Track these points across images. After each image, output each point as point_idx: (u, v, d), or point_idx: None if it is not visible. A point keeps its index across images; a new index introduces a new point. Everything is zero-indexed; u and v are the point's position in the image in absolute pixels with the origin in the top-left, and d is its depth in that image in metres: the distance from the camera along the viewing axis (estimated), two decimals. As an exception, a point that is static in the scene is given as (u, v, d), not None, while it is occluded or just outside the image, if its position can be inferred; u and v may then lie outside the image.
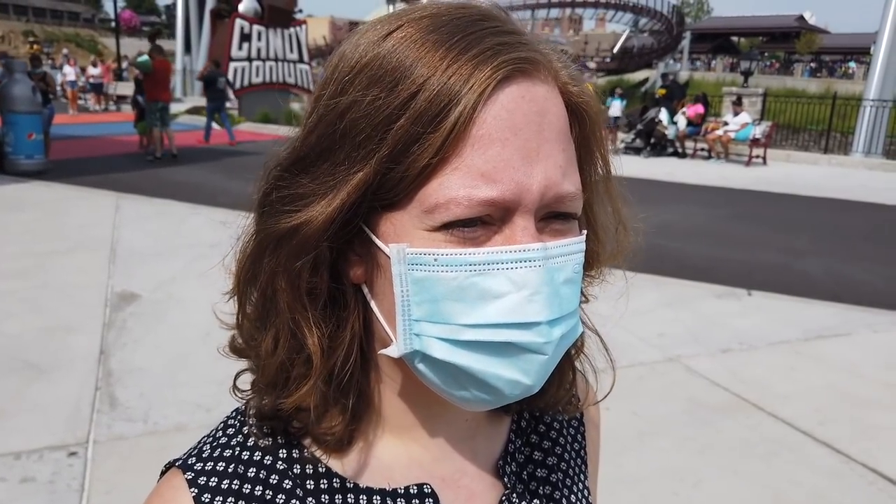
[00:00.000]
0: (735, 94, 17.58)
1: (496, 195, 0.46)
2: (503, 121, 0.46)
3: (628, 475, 3.06)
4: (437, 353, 0.48)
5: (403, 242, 0.47)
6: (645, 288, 5.81)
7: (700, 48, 59.21)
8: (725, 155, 15.38)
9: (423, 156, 0.45)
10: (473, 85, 0.45)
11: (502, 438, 0.64)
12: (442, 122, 0.45)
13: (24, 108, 9.88)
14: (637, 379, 4.06)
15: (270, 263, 0.51)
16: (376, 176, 0.47)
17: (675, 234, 7.93)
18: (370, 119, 0.46)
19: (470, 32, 0.47)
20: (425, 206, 0.46)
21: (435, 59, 0.46)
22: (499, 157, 0.46)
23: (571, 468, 0.68)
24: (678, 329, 4.88)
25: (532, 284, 0.47)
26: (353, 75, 0.48)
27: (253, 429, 0.57)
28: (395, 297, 0.48)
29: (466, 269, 0.46)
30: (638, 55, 42.16)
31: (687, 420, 3.61)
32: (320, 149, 0.49)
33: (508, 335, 0.47)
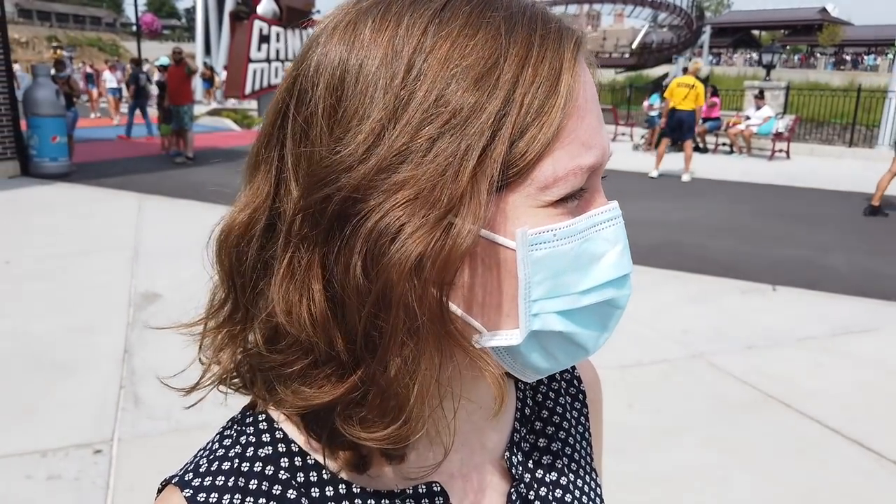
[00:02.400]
0: (757, 87, 17.38)
1: (594, 161, 0.48)
2: (587, 92, 0.48)
3: (653, 473, 3.03)
4: (557, 327, 0.48)
5: (516, 226, 0.46)
6: (667, 284, 5.76)
7: (720, 43, 58.58)
8: (748, 149, 15.20)
9: (543, 135, 0.45)
10: (566, 64, 0.47)
11: (508, 428, 0.63)
12: (552, 98, 0.45)
13: (48, 112, 10.03)
14: (661, 376, 4.01)
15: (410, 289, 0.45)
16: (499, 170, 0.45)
17: (697, 230, 7.85)
18: (480, 109, 0.44)
19: (524, 7, 0.48)
20: (540, 183, 0.46)
21: (524, 35, 0.46)
22: (591, 125, 0.48)
23: (577, 451, 0.67)
24: (702, 325, 4.82)
25: (620, 239, 0.50)
26: (442, 62, 0.44)
27: (252, 437, 0.54)
28: (518, 283, 0.47)
29: (579, 238, 0.48)
30: (657, 50, 41.77)
31: (712, 417, 3.56)
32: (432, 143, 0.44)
33: (610, 293, 0.49)
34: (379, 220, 0.43)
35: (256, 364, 0.51)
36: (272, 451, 0.53)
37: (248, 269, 0.50)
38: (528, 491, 0.61)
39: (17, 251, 6.21)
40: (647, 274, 6.03)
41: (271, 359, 0.48)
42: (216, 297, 0.54)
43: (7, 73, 9.90)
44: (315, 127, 0.46)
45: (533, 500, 0.61)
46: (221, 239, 0.51)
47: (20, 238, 6.75)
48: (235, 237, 0.50)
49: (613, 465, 3.05)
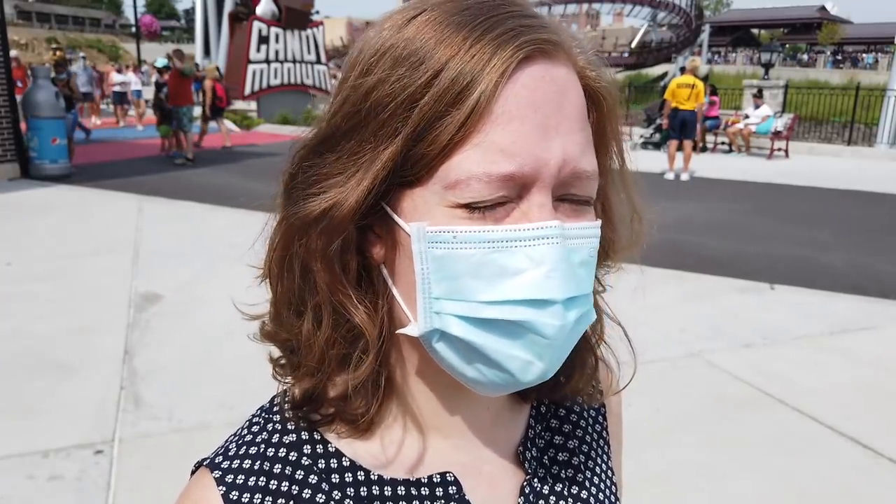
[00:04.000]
0: (756, 86, 17.38)
1: (514, 169, 0.46)
2: (523, 98, 0.47)
3: (651, 471, 3.05)
4: (456, 331, 0.48)
5: (424, 220, 0.48)
6: (666, 283, 5.78)
7: (720, 41, 58.59)
8: (746, 148, 15.21)
9: (446, 132, 0.46)
10: (495, 64, 0.46)
11: (522, 425, 0.64)
12: (464, 99, 0.46)
13: (47, 114, 10.04)
14: (659, 374, 4.03)
15: (302, 248, 0.52)
16: (402, 153, 0.47)
17: (696, 229, 7.86)
18: (395, 97, 0.47)
19: (492, 15, 0.48)
20: (446, 183, 0.47)
21: (458, 40, 0.47)
22: (517, 133, 0.46)
23: (594, 450, 0.68)
24: (700, 324, 4.84)
25: (549, 261, 0.47)
26: (378, 57, 0.49)
27: (277, 425, 0.58)
28: (415, 275, 0.48)
29: (485, 246, 0.47)
30: (656, 50, 41.81)
31: (710, 415, 3.58)
32: (346, 128, 0.50)
33: (525, 314, 0.47)
34: (305, 181, 0.53)
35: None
36: (296, 438, 0.57)
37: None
38: (543, 485, 0.62)
39: (19, 253, 6.23)
40: (645, 273, 6.02)
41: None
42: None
43: (7, 74, 9.92)
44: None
45: (548, 494, 0.62)
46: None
47: (21, 240, 6.77)
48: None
49: (611, 462, 3.08)
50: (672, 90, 11.58)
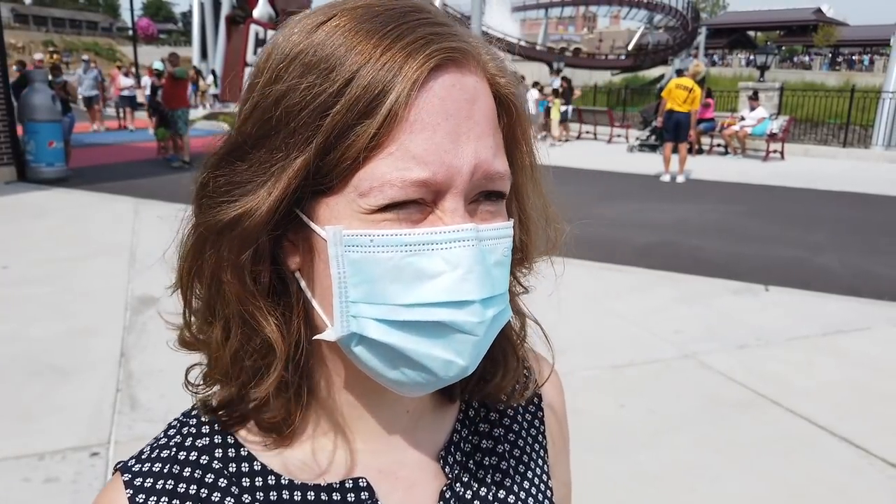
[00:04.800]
0: (751, 88, 17.44)
1: (428, 175, 0.47)
2: (435, 107, 0.48)
3: (645, 472, 3.06)
4: (374, 334, 0.49)
5: (340, 225, 0.48)
6: (661, 285, 5.80)
7: (716, 43, 58.72)
8: (742, 150, 15.26)
9: (359, 141, 0.46)
10: (406, 73, 0.47)
11: (447, 429, 0.64)
12: (376, 108, 0.46)
13: (44, 117, 10.05)
14: (653, 376, 4.05)
15: (213, 256, 0.52)
16: (314, 161, 0.47)
17: (691, 231, 7.89)
18: (306, 105, 0.47)
19: (402, 23, 0.49)
20: (360, 190, 0.47)
21: (368, 48, 0.47)
22: (430, 141, 0.47)
23: (527, 454, 0.68)
24: (694, 325, 4.86)
25: (466, 263, 0.48)
26: (287, 63, 0.49)
27: (192, 428, 0.58)
28: (332, 280, 0.49)
29: (402, 250, 0.48)
30: (653, 52, 41.94)
31: (704, 417, 3.60)
32: (257, 136, 0.50)
33: (443, 314, 0.48)
34: (212, 182, 0.54)
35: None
36: (209, 441, 0.57)
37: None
38: (466, 490, 0.61)
39: (15, 256, 6.23)
40: (640, 274, 6.08)
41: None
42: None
43: (3, 78, 9.92)
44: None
45: (471, 499, 0.61)
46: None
47: (17, 243, 6.77)
48: None
49: (605, 464, 3.10)
50: (670, 89, 11.61)
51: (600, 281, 5.87)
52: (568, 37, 72.73)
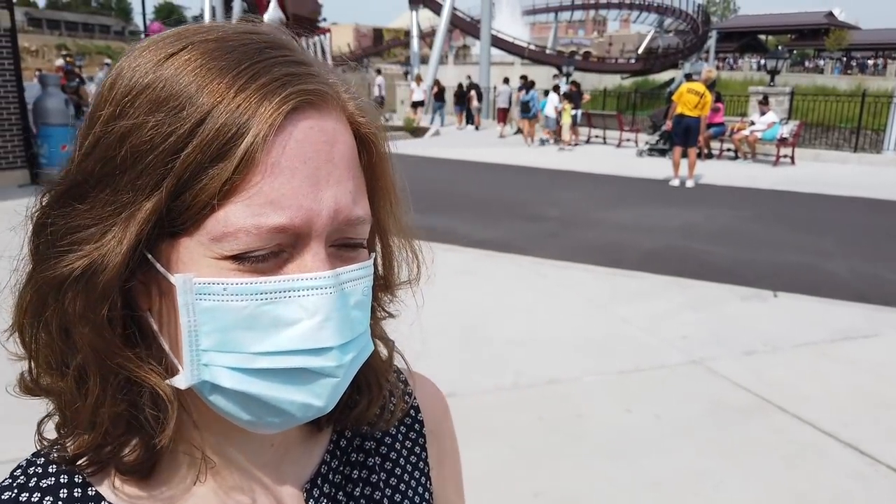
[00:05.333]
0: (761, 93, 17.38)
1: (285, 221, 0.46)
2: (292, 150, 0.46)
3: (650, 478, 3.07)
4: (227, 383, 0.47)
5: (191, 271, 0.46)
6: (668, 290, 5.80)
7: (727, 47, 58.56)
8: (752, 155, 15.21)
9: (212, 185, 0.44)
10: (263, 115, 0.45)
11: (315, 461, 0.62)
12: (230, 151, 0.44)
13: (57, 121, 10.16)
14: (659, 381, 4.06)
15: (58, 311, 0.48)
16: (165, 204, 0.45)
17: (699, 236, 7.89)
18: (155, 146, 0.45)
19: (258, 60, 0.47)
20: (213, 235, 0.45)
21: (222, 87, 0.46)
22: (287, 185, 0.46)
23: (404, 482, 0.67)
24: (701, 331, 4.86)
25: (324, 310, 0.47)
26: (133, 97, 0.46)
27: (39, 468, 0.54)
28: (181, 328, 0.47)
29: (258, 298, 0.46)
30: (663, 56, 41.82)
31: (710, 422, 3.61)
32: (99, 175, 0.47)
33: (301, 361, 0.47)
34: (51, 230, 0.50)
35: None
36: (54, 481, 0.53)
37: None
38: None
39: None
40: (647, 280, 6.09)
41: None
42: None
43: (17, 82, 10.04)
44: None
45: None
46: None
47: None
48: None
49: (611, 469, 3.12)
50: (681, 93, 11.57)
51: (607, 286, 5.88)
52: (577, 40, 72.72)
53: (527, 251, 7.02)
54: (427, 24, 44.25)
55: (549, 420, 3.58)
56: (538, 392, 3.90)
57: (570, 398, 3.83)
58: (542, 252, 6.99)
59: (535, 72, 29.84)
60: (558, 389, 3.94)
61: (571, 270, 6.37)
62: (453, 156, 15.41)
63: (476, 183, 12.03)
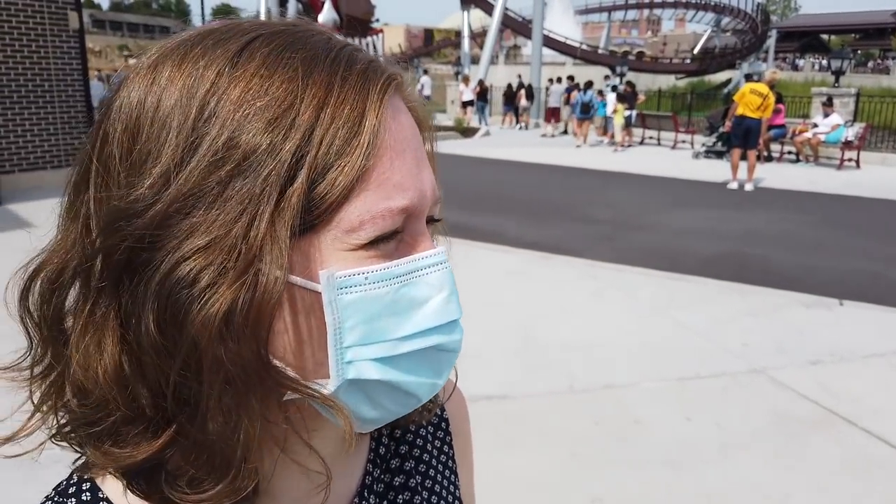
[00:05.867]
0: (825, 94, 16.81)
1: (408, 203, 0.46)
2: (399, 133, 0.46)
3: (711, 488, 2.99)
4: (374, 375, 0.46)
5: (322, 268, 0.44)
6: (727, 296, 5.65)
7: (787, 47, 56.86)
8: (815, 158, 14.73)
9: (342, 177, 0.43)
10: (372, 99, 0.45)
11: (358, 473, 0.61)
12: (355, 139, 0.43)
13: (121, 119, 10.48)
14: (720, 390, 3.95)
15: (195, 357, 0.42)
16: (302, 203, 0.42)
17: (760, 241, 7.66)
18: (275, 151, 0.42)
19: (339, 47, 0.47)
20: (346, 226, 0.44)
21: (324, 76, 0.44)
22: (404, 167, 0.46)
23: (438, 483, 0.66)
24: (763, 339, 4.71)
25: (447, 285, 0.48)
26: (235, 104, 0.43)
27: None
28: (327, 328, 0.44)
29: (395, 282, 0.46)
30: (720, 56, 40.87)
31: (773, 434, 3.49)
32: (214, 187, 0.42)
33: (436, 339, 0.48)
34: (170, 270, 0.41)
35: (71, 420, 0.47)
36: None
37: (58, 317, 0.46)
38: None
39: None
40: (706, 285, 5.94)
41: (82, 415, 0.45)
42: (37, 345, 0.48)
43: (84, 81, 10.41)
44: (113, 171, 0.44)
45: None
46: (27, 284, 0.46)
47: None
48: (45, 283, 0.46)
49: (669, 478, 3.04)
50: (743, 93, 11.22)
51: (664, 290, 5.76)
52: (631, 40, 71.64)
53: (580, 253, 6.93)
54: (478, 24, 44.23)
55: (605, 425, 3.52)
56: (594, 397, 3.84)
57: (626, 404, 3.76)
58: (596, 254, 6.89)
59: (587, 72, 29.52)
60: (614, 394, 3.87)
61: (626, 274, 6.26)
62: (504, 156, 15.35)
63: (527, 183, 11.96)
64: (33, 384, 0.48)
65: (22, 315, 0.47)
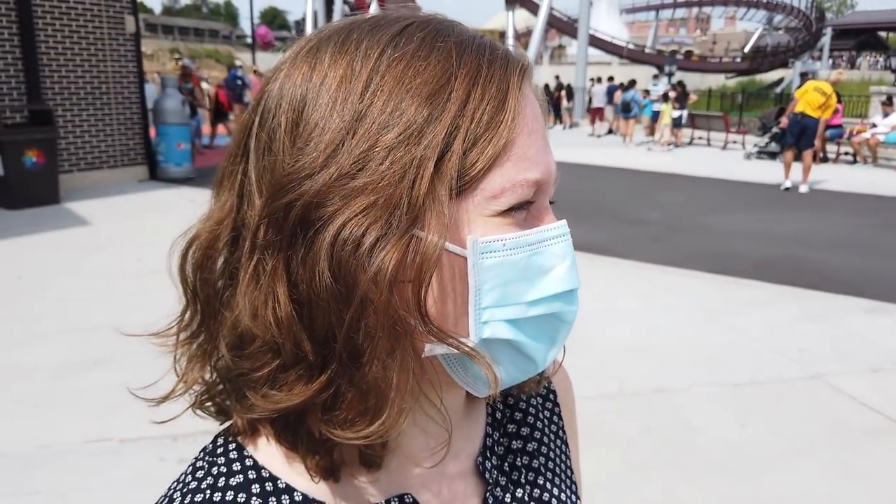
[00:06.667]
0: (885, 93, 16.23)
1: (539, 176, 0.50)
2: (531, 113, 0.51)
3: (767, 496, 2.90)
4: (506, 334, 0.49)
5: (472, 233, 0.48)
6: (783, 300, 5.50)
7: (842, 45, 55.05)
8: (873, 159, 14.24)
9: (490, 147, 0.47)
10: (514, 81, 0.50)
11: (479, 434, 0.64)
12: (500, 114, 0.48)
13: (174, 120, 10.75)
14: (776, 396, 3.84)
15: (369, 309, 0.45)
16: (456, 169, 0.47)
17: (816, 244, 7.44)
18: (434, 121, 0.46)
19: (473, 37, 0.51)
20: (489, 193, 0.48)
21: (473, 58, 0.49)
22: (536, 144, 0.50)
23: (552, 451, 0.69)
24: (821, 345, 4.56)
25: (569, 255, 0.52)
26: (397, 79, 0.47)
27: (223, 468, 0.54)
28: (469, 290, 0.48)
29: (528, 249, 0.49)
30: (772, 54, 39.85)
31: (833, 442, 3.37)
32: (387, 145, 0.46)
33: (558, 306, 0.51)
34: (341, 225, 0.45)
35: (225, 374, 0.51)
36: (243, 478, 0.53)
37: (213, 280, 0.51)
38: (505, 494, 0.61)
39: (148, 249, 6.70)
40: (761, 289, 5.78)
41: (239, 365, 0.49)
42: (187, 310, 0.53)
43: (140, 84, 10.70)
44: (278, 141, 0.47)
45: (510, 502, 0.62)
46: (185, 252, 0.51)
47: (149, 237, 7.27)
48: (200, 250, 0.51)
49: (726, 486, 2.97)
50: (805, 90, 10.78)
51: (716, 293, 5.63)
52: (679, 39, 70.36)
53: (628, 255, 6.83)
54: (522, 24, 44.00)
55: (657, 430, 3.45)
56: (644, 400, 3.77)
57: (678, 409, 3.68)
58: (645, 256, 6.78)
59: (633, 72, 29.12)
60: (666, 399, 3.79)
61: (676, 276, 6.14)
62: (549, 157, 15.23)
63: (573, 184, 11.84)
64: (179, 349, 0.53)
65: (181, 279, 0.52)
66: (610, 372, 4.07)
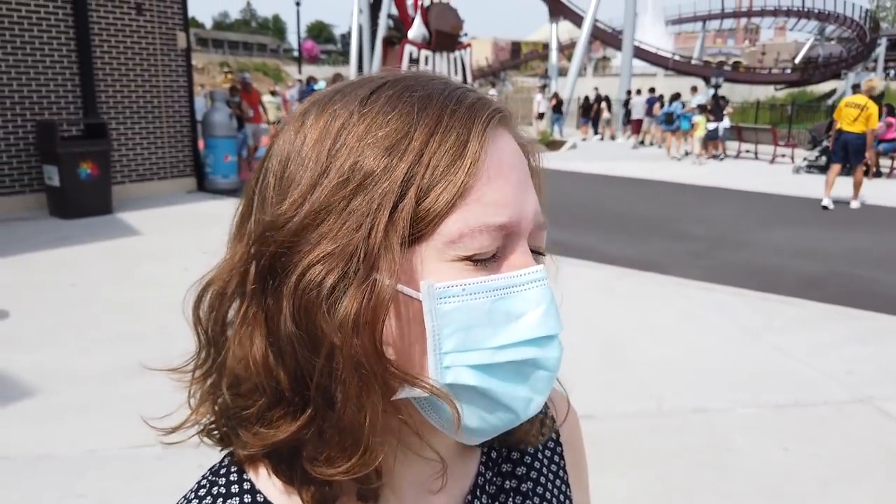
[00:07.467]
0: (942, 105, 15.67)
1: (506, 220, 0.50)
2: (500, 160, 0.52)
3: (811, 524, 2.83)
4: (470, 381, 0.50)
5: (426, 278, 0.49)
6: (830, 319, 5.35)
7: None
8: (929, 174, 13.75)
9: (445, 193, 0.49)
10: (477, 128, 0.51)
11: (472, 474, 0.64)
12: (458, 161, 0.49)
13: (222, 133, 11.02)
14: (820, 419, 3.73)
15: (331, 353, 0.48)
16: (411, 214, 0.48)
17: (867, 262, 7.21)
18: (390, 171, 0.49)
19: (454, 87, 0.54)
20: (447, 238, 0.49)
21: (436, 109, 0.51)
22: (505, 188, 0.51)
23: (549, 491, 0.69)
24: (871, 367, 4.42)
25: (545, 301, 0.51)
26: (360, 135, 0.50)
27: (222, 488, 0.57)
28: (427, 334, 0.49)
29: (492, 295, 0.50)
30: (823, 65, 38.87)
31: (882, 470, 3.26)
32: (336, 202, 0.49)
33: (533, 352, 0.51)
34: (302, 272, 0.48)
35: (224, 409, 0.55)
36: (238, 501, 0.56)
37: (218, 322, 0.55)
38: None
39: (195, 259, 6.87)
40: (805, 308, 5.63)
41: (235, 403, 0.53)
42: (202, 350, 0.58)
43: (189, 97, 11.01)
44: (268, 197, 0.52)
45: None
46: (200, 296, 0.55)
47: (197, 246, 7.46)
48: (212, 295, 0.54)
49: (767, 510, 2.89)
50: (839, 108, 10.74)
51: (759, 312, 5.51)
52: (727, 50, 69.17)
53: (669, 270, 6.73)
54: (566, 36, 43.89)
55: (695, 451, 3.39)
56: (683, 420, 3.71)
57: (718, 430, 3.61)
58: (687, 272, 6.67)
59: (679, 83, 28.72)
60: (705, 419, 3.72)
61: (719, 293, 6.02)
62: (591, 169, 15.13)
63: (615, 197, 11.73)
64: (194, 385, 0.57)
65: (194, 321, 0.56)
66: (649, 390, 4.01)
